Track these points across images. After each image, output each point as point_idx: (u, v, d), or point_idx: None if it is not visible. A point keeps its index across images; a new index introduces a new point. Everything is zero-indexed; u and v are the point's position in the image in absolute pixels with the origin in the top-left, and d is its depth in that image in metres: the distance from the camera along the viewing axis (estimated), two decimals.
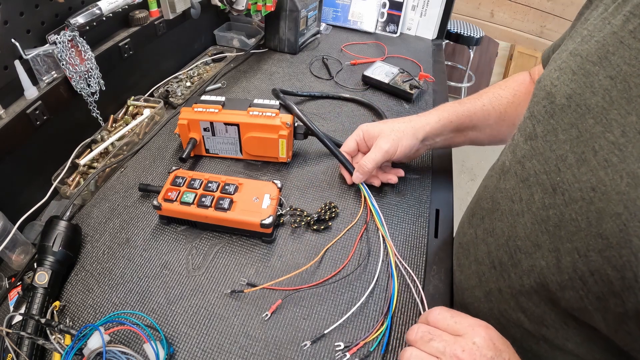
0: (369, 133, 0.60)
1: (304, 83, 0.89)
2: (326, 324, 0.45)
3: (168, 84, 0.85)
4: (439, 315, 0.37)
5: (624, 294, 0.27)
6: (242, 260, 0.51)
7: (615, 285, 0.27)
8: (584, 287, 0.30)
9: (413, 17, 1.15)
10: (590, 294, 0.29)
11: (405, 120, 0.60)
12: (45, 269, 0.45)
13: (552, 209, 0.33)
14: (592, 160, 0.29)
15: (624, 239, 0.26)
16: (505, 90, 0.59)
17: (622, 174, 0.27)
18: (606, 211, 0.27)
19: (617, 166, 0.27)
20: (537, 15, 2.59)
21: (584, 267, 0.29)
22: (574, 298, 0.31)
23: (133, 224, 0.55)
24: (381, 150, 0.57)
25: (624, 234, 0.26)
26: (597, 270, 0.28)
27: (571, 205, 0.30)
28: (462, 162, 2.37)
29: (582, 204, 0.29)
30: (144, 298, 0.47)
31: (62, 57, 0.57)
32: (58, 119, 0.60)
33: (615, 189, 0.27)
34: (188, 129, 0.62)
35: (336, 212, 0.57)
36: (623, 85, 0.29)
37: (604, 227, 0.28)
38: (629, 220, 0.26)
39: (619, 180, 0.27)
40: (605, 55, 0.31)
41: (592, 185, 0.29)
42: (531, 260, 0.35)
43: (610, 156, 0.28)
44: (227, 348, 0.43)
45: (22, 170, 0.56)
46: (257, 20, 1.09)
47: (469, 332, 0.34)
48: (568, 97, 0.33)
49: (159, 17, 0.77)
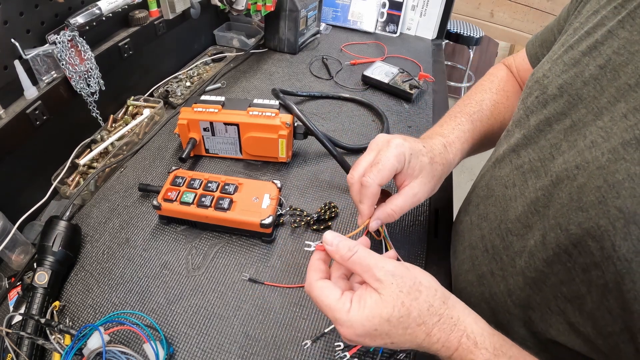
0: (410, 168, 0.44)
1: (303, 83, 0.89)
2: (326, 323, 0.45)
3: (168, 84, 0.85)
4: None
5: (603, 265, 0.28)
6: (242, 260, 0.51)
7: (596, 256, 0.28)
8: (569, 259, 0.30)
9: (413, 17, 1.15)
10: (577, 265, 0.30)
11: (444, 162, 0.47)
12: (45, 269, 0.45)
13: (541, 192, 0.34)
14: (581, 144, 0.31)
15: (602, 210, 0.27)
16: (497, 95, 0.56)
17: (604, 150, 0.28)
18: (587, 185, 0.29)
19: (601, 145, 0.29)
20: (537, 15, 2.59)
21: (566, 240, 0.30)
22: (562, 271, 0.31)
23: (133, 224, 0.55)
24: (417, 203, 0.45)
25: (602, 205, 0.27)
26: (579, 242, 0.29)
27: (558, 185, 0.32)
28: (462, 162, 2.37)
29: (567, 182, 0.31)
30: (144, 298, 0.47)
31: (62, 57, 0.57)
32: (58, 119, 0.60)
33: (597, 164, 0.28)
34: (188, 128, 0.62)
35: (336, 211, 0.57)
36: (612, 74, 0.30)
37: (584, 200, 0.29)
38: (607, 192, 0.27)
39: (601, 156, 0.28)
40: (595, 45, 0.32)
41: (576, 164, 0.30)
42: (522, 241, 0.36)
43: (596, 138, 0.29)
44: (227, 348, 0.43)
45: (22, 170, 0.56)
46: (256, 20, 1.09)
47: None
48: (560, 87, 0.34)
49: (158, 17, 0.77)
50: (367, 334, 0.31)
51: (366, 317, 0.30)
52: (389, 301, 0.31)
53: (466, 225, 0.47)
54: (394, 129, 0.76)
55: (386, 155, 0.42)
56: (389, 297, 0.31)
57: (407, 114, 0.81)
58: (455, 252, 0.49)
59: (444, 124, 0.53)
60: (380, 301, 0.31)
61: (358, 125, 0.77)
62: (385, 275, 0.32)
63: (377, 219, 0.44)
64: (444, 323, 0.31)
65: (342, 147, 0.68)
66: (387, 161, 0.41)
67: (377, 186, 0.42)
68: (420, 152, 0.44)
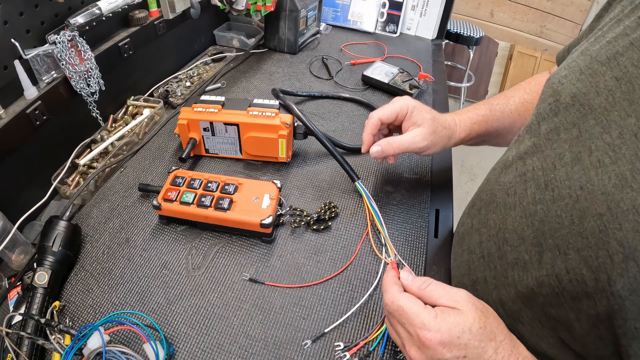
0: (412, 117, 0.53)
1: (303, 83, 0.89)
2: (326, 323, 0.45)
3: (168, 83, 0.85)
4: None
5: (596, 296, 0.27)
6: (242, 260, 0.51)
7: (589, 286, 0.28)
8: (559, 285, 0.30)
9: (413, 17, 1.15)
10: (565, 292, 0.30)
11: (447, 126, 0.55)
12: (45, 269, 0.45)
13: (540, 204, 0.33)
14: (586, 160, 0.30)
15: (602, 240, 0.26)
16: (529, 95, 0.57)
17: (611, 175, 0.27)
18: (589, 210, 0.28)
19: (608, 167, 0.28)
20: (537, 15, 2.59)
21: (561, 264, 0.30)
22: (550, 294, 0.32)
23: (133, 224, 0.55)
24: (415, 145, 0.53)
25: (603, 234, 0.26)
26: (573, 269, 0.29)
27: (558, 202, 0.31)
28: (462, 162, 2.37)
29: (568, 201, 0.30)
30: (144, 298, 0.47)
31: (62, 57, 0.57)
32: (58, 119, 0.60)
33: (602, 189, 0.27)
34: (188, 128, 0.62)
35: (336, 211, 0.57)
36: (627, 87, 0.29)
37: (585, 226, 0.28)
38: (610, 221, 0.26)
39: (607, 180, 0.27)
40: (614, 55, 0.31)
41: (581, 184, 0.29)
42: (516, 253, 0.36)
43: (603, 157, 0.28)
44: (227, 348, 0.43)
45: (22, 170, 0.56)
46: (256, 20, 1.09)
47: None
48: (573, 96, 0.33)
49: (158, 17, 0.77)
50: (450, 341, 0.32)
51: (453, 324, 0.32)
52: (469, 315, 0.33)
53: (467, 228, 0.47)
54: None
55: (394, 101, 0.54)
56: (468, 312, 0.33)
57: None
58: (455, 255, 0.51)
59: (463, 109, 0.59)
60: (462, 314, 0.33)
61: (358, 125, 0.77)
62: (462, 297, 0.35)
63: (378, 145, 0.53)
64: (507, 343, 0.33)
65: (342, 147, 0.68)
66: (392, 104, 0.54)
67: (377, 119, 0.54)
68: (424, 109, 0.54)
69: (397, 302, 0.35)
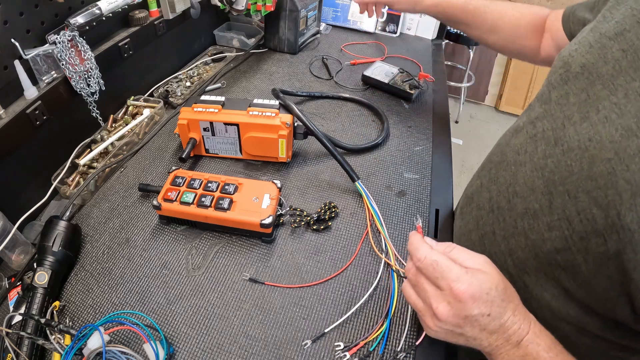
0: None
1: (303, 83, 0.89)
2: (326, 323, 0.45)
3: (168, 83, 0.85)
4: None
5: (606, 232, 0.30)
6: (242, 260, 0.51)
7: (599, 224, 0.31)
8: (569, 226, 0.34)
9: (413, 17, 1.15)
10: (575, 233, 0.33)
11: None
12: (45, 269, 0.45)
13: (551, 158, 0.37)
14: (594, 117, 0.33)
15: (611, 181, 0.30)
16: (512, 9, 0.64)
17: (617, 127, 0.31)
18: (598, 157, 0.31)
19: (615, 121, 0.31)
20: None
21: (572, 207, 0.33)
22: (559, 238, 0.35)
23: (133, 224, 0.55)
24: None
25: (611, 176, 0.30)
26: (584, 210, 0.32)
27: (568, 153, 0.35)
28: (462, 162, 2.37)
29: (577, 152, 0.33)
30: (144, 298, 0.47)
31: (62, 57, 0.57)
32: (58, 119, 0.60)
33: (609, 139, 0.31)
34: (188, 128, 0.62)
35: (336, 211, 0.57)
36: (633, 56, 0.32)
37: (594, 170, 0.31)
38: (617, 164, 0.29)
39: (614, 132, 0.31)
40: (622, 32, 0.34)
41: (589, 136, 0.33)
42: (525, 203, 0.39)
43: (610, 114, 0.32)
44: (227, 348, 0.43)
45: (22, 170, 0.56)
46: (256, 20, 1.09)
47: None
48: (582, 66, 0.36)
49: (158, 17, 0.77)
50: (480, 296, 0.33)
51: (482, 280, 0.34)
52: (494, 276, 0.35)
53: (476, 188, 0.50)
54: (394, 129, 0.76)
55: None
56: (492, 273, 0.35)
57: (407, 114, 0.81)
58: (462, 214, 0.53)
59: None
60: (488, 274, 0.35)
61: (358, 125, 0.77)
62: (485, 261, 0.36)
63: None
64: (522, 307, 0.35)
65: (342, 147, 0.68)
66: None
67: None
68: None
69: (431, 256, 0.36)
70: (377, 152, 0.70)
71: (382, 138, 0.72)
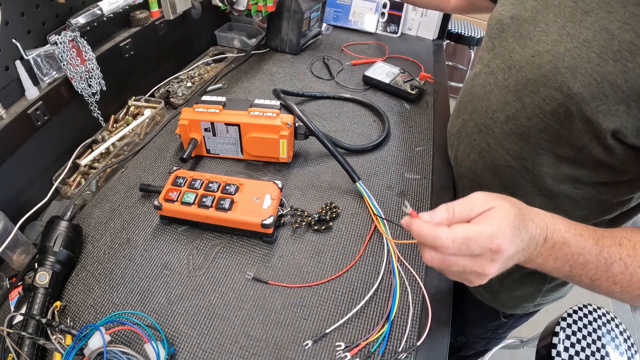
0: None
1: (304, 83, 0.89)
2: (327, 324, 0.45)
3: (169, 84, 0.85)
4: None
5: (566, 101, 0.42)
6: (243, 260, 0.51)
7: (559, 99, 0.43)
8: (541, 111, 0.46)
9: (414, 17, 1.15)
10: (547, 113, 0.45)
11: None
12: (46, 269, 0.45)
13: (511, 78, 0.49)
14: (530, 43, 0.47)
15: (556, 70, 0.43)
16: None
17: (548, 42, 0.44)
18: (543, 62, 0.44)
19: (545, 40, 0.45)
20: None
21: (538, 98, 0.46)
22: (538, 122, 0.47)
23: (134, 224, 0.55)
24: None
25: (555, 70, 0.43)
26: (547, 96, 0.44)
27: (522, 70, 0.47)
28: None
29: (528, 66, 0.46)
30: (145, 298, 0.47)
31: (63, 58, 0.57)
32: (59, 119, 0.60)
33: (545, 49, 0.44)
34: (189, 129, 0.62)
35: (337, 212, 0.57)
36: (543, 2, 0.46)
37: (543, 70, 0.44)
38: (557, 60, 0.43)
39: (547, 45, 0.44)
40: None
41: (532, 54, 0.46)
42: (504, 113, 0.51)
43: (540, 37, 0.46)
44: (228, 348, 0.43)
45: (23, 170, 0.56)
46: (257, 21, 1.09)
47: None
48: (511, 17, 0.51)
49: (159, 17, 0.77)
50: (512, 234, 0.34)
51: (502, 218, 0.34)
52: (502, 205, 0.35)
53: (460, 124, 0.61)
54: (395, 129, 0.76)
55: None
56: (498, 204, 0.35)
57: (408, 114, 0.81)
58: (456, 148, 0.63)
59: None
60: (497, 209, 0.35)
61: (359, 125, 0.77)
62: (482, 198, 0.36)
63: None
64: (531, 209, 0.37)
65: (343, 147, 0.68)
66: None
67: None
68: None
69: (457, 235, 0.34)
70: (378, 152, 0.70)
71: (382, 138, 0.71)
